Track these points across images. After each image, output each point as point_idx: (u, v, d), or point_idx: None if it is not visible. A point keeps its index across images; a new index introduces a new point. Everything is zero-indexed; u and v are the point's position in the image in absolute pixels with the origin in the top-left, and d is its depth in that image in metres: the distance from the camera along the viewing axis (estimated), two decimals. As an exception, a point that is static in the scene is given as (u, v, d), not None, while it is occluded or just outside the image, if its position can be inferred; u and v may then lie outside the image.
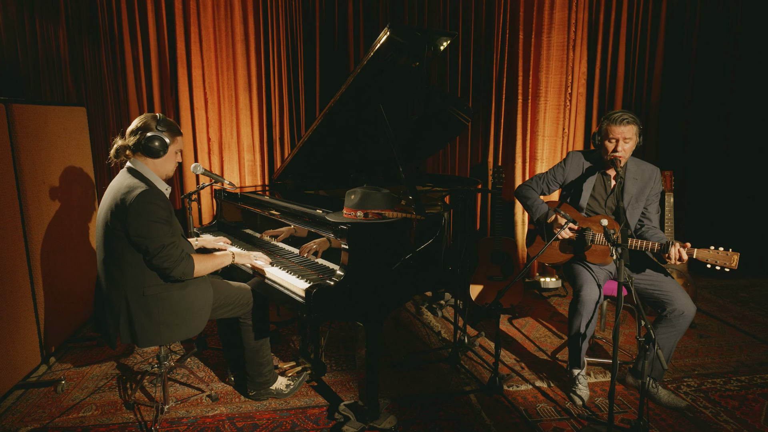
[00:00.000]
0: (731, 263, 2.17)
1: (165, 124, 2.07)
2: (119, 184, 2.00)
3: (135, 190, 1.93)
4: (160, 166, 2.09)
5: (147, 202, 1.91)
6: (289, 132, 3.97)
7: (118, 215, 1.93)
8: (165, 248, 1.94)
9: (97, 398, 2.54)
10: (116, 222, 1.94)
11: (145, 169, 2.06)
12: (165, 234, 1.95)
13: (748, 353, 3.02)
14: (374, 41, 2.12)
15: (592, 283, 2.43)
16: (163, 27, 3.64)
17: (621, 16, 4.13)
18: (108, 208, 1.98)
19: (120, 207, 1.93)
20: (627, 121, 2.41)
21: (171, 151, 2.09)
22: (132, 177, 2.01)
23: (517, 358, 2.96)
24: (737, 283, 4.34)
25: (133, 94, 3.68)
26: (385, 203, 2.11)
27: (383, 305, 2.11)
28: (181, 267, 1.98)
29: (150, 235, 1.92)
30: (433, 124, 2.95)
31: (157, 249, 1.93)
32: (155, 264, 1.95)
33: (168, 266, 1.95)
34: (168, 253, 1.94)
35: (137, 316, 1.99)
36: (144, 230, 1.91)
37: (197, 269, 2.05)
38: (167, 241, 1.95)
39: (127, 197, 1.92)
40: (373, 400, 2.20)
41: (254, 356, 2.40)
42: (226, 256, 2.23)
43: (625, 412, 2.39)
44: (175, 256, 1.96)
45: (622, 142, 2.43)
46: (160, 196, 1.98)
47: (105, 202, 2.03)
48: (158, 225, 1.94)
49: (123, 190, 1.95)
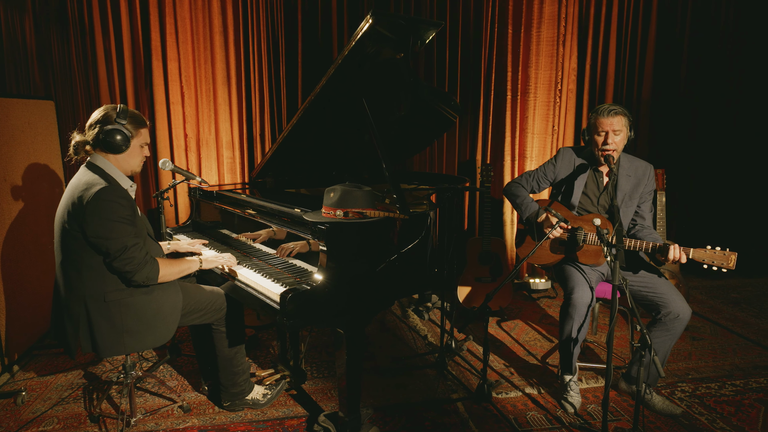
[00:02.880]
0: (729, 263, 2.08)
1: (127, 115, 1.90)
2: (77, 182, 1.85)
3: (93, 187, 1.78)
4: (123, 162, 1.93)
5: (106, 200, 1.76)
6: (270, 128, 3.82)
7: (75, 215, 1.78)
8: (127, 250, 1.79)
9: (60, 410, 2.37)
10: (73, 222, 1.79)
11: (106, 164, 1.90)
12: (127, 234, 1.80)
13: (742, 356, 2.94)
14: (356, 30, 1.99)
15: (584, 285, 2.33)
16: (136, 17, 3.47)
17: (611, 10, 4.05)
18: (65, 208, 1.83)
19: (77, 206, 1.78)
20: (615, 112, 2.32)
21: (134, 144, 1.93)
22: (91, 173, 1.85)
23: (507, 363, 2.84)
24: (727, 283, 4.28)
25: (105, 87, 3.50)
26: (366, 202, 1.98)
27: (365, 310, 1.98)
28: (144, 271, 1.83)
29: (110, 235, 1.77)
30: (420, 121, 2.83)
31: (119, 251, 1.78)
32: (116, 267, 1.80)
33: (130, 269, 1.80)
34: (130, 255, 1.79)
35: (98, 323, 1.84)
36: (103, 230, 1.76)
37: (162, 274, 1.90)
38: (130, 243, 1.79)
39: (85, 195, 1.77)
40: (354, 411, 2.07)
41: (228, 365, 2.25)
42: (193, 261, 2.07)
43: (618, 420, 2.29)
44: (138, 258, 1.81)
45: (611, 134, 2.33)
46: (121, 193, 1.83)
47: (62, 201, 1.88)
48: (119, 225, 1.79)
49: (81, 187, 1.80)
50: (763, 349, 3.02)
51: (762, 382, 2.62)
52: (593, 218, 2.08)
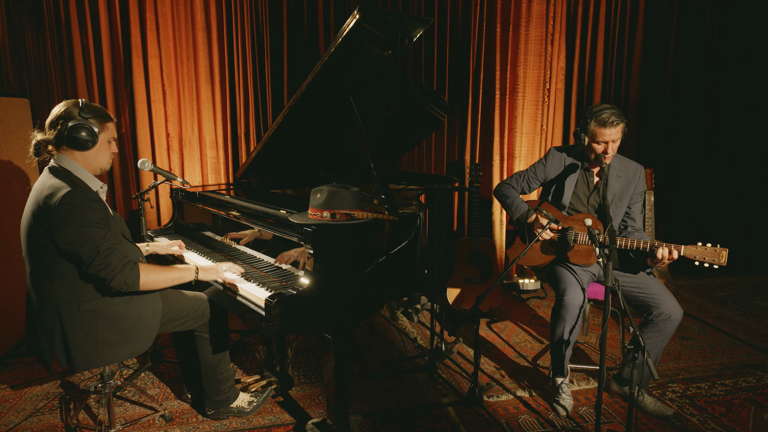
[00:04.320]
0: (720, 260, 2.06)
1: (90, 109, 1.77)
2: (41, 186, 1.71)
3: (60, 191, 1.65)
4: (92, 160, 1.80)
5: (75, 204, 1.64)
6: (255, 127, 3.73)
7: (43, 223, 1.66)
8: (100, 255, 1.67)
9: (35, 422, 2.27)
10: (41, 230, 1.67)
11: (72, 165, 1.76)
12: (100, 238, 1.68)
13: (731, 355, 2.94)
14: (343, 25, 1.93)
15: (576, 286, 2.30)
16: (115, 12, 3.35)
17: (599, 9, 4.04)
18: (30, 215, 1.71)
19: (43, 213, 1.65)
20: (616, 123, 2.26)
21: (102, 140, 1.80)
22: (54, 177, 1.71)
23: (497, 366, 2.81)
24: (714, 282, 4.31)
25: (82, 85, 3.38)
26: (353, 203, 1.92)
27: (353, 314, 1.92)
28: (122, 276, 1.70)
29: (82, 241, 1.65)
30: (408, 120, 2.78)
31: (91, 257, 1.66)
32: (91, 273, 1.69)
33: (105, 276, 1.68)
34: (105, 260, 1.67)
35: (72, 335, 1.74)
36: (74, 237, 1.64)
37: (145, 280, 1.76)
38: (103, 247, 1.67)
39: (51, 200, 1.64)
40: (342, 418, 2.01)
41: (212, 372, 2.17)
42: (188, 270, 1.90)
43: (610, 422, 2.26)
44: (115, 263, 1.69)
45: (611, 144, 2.30)
46: (90, 195, 1.70)
47: (27, 207, 1.75)
48: (91, 229, 1.66)
49: (45, 192, 1.67)
50: (751, 348, 3.03)
51: (751, 382, 2.62)
52: (584, 218, 2.05)
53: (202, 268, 1.94)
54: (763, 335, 3.22)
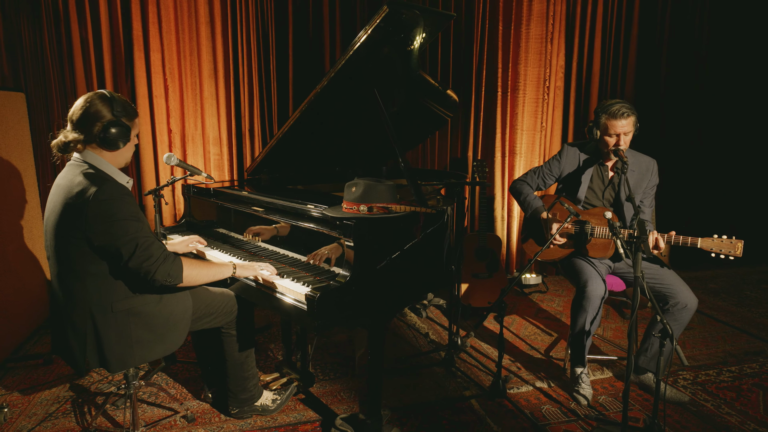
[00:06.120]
0: (736, 251, 2.14)
1: (120, 105, 1.69)
2: (69, 183, 1.63)
3: (91, 187, 1.58)
4: (119, 156, 1.73)
5: (110, 199, 1.58)
6: (260, 124, 3.68)
7: (74, 222, 1.59)
8: (140, 247, 1.60)
9: (49, 426, 2.18)
10: (72, 229, 1.60)
11: (98, 160, 1.69)
12: (137, 230, 1.61)
13: (732, 343, 3.06)
14: (374, 16, 1.92)
15: (597, 278, 2.35)
16: (116, 4, 3.26)
17: (597, 8, 4.13)
18: (58, 214, 1.63)
19: (75, 209, 1.58)
20: (627, 114, 2.34)
21: (131, 137, 1.74)
22: (82, 173, 1.63)
23: (512, 359, 2.84)
24: (704, 274, 4.46)
25: (81, 79, 3.26)
26: (390, 196, 1.92)
27: (390, 308, 1.92)
28: (165, 267, 1.64)
29: (119, 235, 1.58)
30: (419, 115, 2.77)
31: (132, 249, 1.59)
32: (132, 267, 1.61)
33: (149, 267, 1.61)
34: (146, 252, 1.61)
35: (107, 336, 1.67)
36: (112, 233, 1.58)
37: (188, 273, 1.70)
38: (141, 239, 1.61)
39: (82, 197, 1.57)
40: (376, 412, 2.00)
41: (239, 370, 2.13)
42: (226, 267, 1.86)
43: (630, 410, 2.32)
44: (157, 254, 1.63)
45: (623, 135, 2.36)
46: (122, 190, 1.64)
47: (53, 205, 1.67)
48: (128, 223, 1.60)
49: (75, 189, 1.60)
50: (750, 336, 3.16)
51: (755, 368, 2.73)
52: (603, 212, 2.09)
53: (239, 266, 1.90)
54: (759, 324, 3.35)
